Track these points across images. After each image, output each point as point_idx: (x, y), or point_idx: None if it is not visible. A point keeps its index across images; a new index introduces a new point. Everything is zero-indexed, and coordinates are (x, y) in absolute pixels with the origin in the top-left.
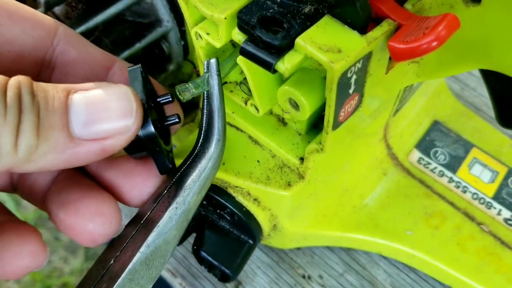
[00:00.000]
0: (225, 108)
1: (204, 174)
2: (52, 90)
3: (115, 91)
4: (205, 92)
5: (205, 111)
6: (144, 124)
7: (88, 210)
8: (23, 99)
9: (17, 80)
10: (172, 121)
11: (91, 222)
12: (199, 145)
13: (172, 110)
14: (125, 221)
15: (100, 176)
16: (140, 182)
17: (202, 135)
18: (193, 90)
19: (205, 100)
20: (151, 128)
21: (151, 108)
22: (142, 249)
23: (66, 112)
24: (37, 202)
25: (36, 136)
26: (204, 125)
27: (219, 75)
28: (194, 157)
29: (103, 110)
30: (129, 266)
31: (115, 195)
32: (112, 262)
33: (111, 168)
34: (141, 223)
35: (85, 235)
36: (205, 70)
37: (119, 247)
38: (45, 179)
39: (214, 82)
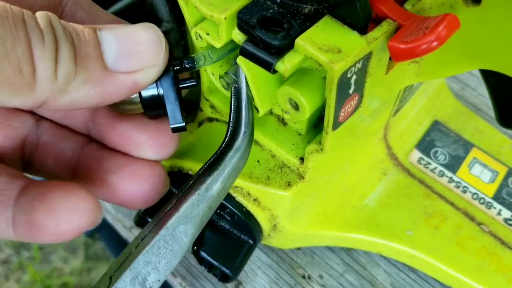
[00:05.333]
0: (252, 104)
1: (231, 165)
2: (79, 26)
3: (142, 26)
4: (233, 88)
5: (232, 106)
6: (164, 74)
7: (143, 173)
8: (56, 29)
9: (45, 13)
10: (189, 84)
11: (147, 183)
12: (226, 138)
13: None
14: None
15: (114, 133)
16: (156, 135)
17: (230, 129)
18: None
19: (233, 96)
20: (171, 75)
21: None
22: (162, 231)
23: (98, 44)
24: (60, 175)
25: (74, 64)
26: (231, 119)
27: None
28: (222, 150)
29: (133, 43)
30: (146, 248)
31: (133, 150)
32: (133, 249)
33: (127, 122)
34: (165, 212)
35: (140, 197)
36: (233, 63)
37: (141, 235)
38: (70, 149)
39: (242, 76)
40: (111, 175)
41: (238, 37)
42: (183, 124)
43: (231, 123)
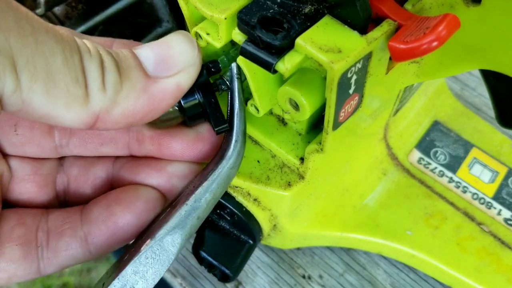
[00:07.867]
0: (245, 111)
1: (221, 175)
2: (115, 48)
3: (172, 34)
4: (228, 95)
5: (227, 112)
6: (199, 81)
7: (180, 173)
8: (98, 47)
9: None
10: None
11: (185, 181)
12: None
13: None
14: None
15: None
16: (210, 140)
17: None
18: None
19: (228, 102)
20: (205, 80)
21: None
22: (150, 242)
23: (136, 57)
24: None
25: (119, 74)
26: None
27: (239, 78)
28: (214, 157)
29: (167, 48)
30: (134, 258)
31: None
32: (126, 257)
33: (184, 137)
34: (159, 219)
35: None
36: (231, 70)
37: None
38: (103, 171)
39: (234, 85)
40: (150, 180)
41: (238, 37)
42: (226, 125)
43: None
